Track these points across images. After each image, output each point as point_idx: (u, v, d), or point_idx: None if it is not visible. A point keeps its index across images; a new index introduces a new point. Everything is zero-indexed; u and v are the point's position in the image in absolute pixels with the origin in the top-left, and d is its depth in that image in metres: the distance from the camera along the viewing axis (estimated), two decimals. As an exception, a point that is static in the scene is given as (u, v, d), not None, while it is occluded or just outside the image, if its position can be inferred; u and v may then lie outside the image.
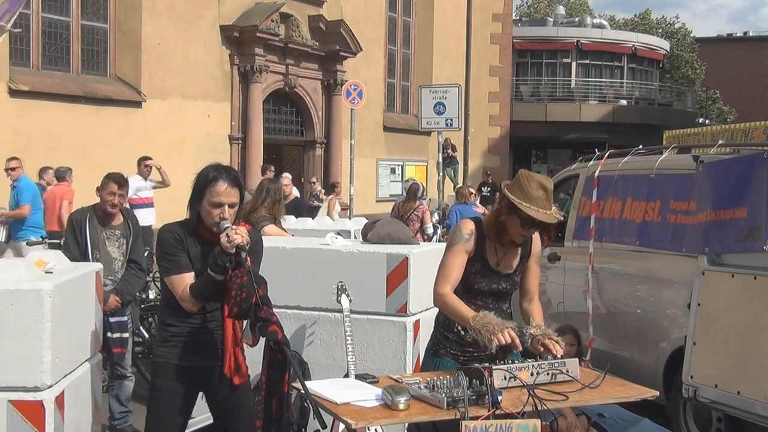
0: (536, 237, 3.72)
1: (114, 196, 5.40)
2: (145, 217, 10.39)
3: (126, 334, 5.43)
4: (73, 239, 5.40)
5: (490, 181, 19.69)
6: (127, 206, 7.06)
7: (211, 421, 3.82)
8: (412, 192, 10.76)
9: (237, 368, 3.49)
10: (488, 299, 3.65)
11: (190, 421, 3.89)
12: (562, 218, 4.00)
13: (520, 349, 3.28)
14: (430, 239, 10.47)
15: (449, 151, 15.58)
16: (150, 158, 11.57)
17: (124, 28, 15.34)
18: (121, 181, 5.48)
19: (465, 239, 3.59)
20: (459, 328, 3.57)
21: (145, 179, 11.44)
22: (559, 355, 3.32)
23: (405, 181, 15.82)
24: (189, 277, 3.48)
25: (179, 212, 3.74)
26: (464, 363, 3.46)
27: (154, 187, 11.56)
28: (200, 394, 3.68)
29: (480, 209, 11.96)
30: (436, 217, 13.11)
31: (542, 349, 3.36)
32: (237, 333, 3.49)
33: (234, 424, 3.62)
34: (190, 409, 3.65)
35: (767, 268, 4.77)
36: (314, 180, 16.36)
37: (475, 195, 12.17)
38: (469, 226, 3.63)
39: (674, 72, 42.11)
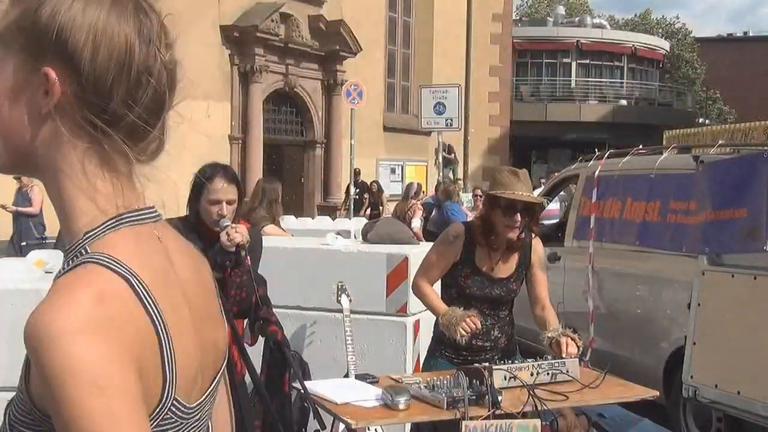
0: (536, 242, 3.73)
1: None
2: None
3: None
4: None
5: (360, 181, 17.62)
6: None
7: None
8: (406, 192, 11.00)
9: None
10: (483, 305, 3.64)
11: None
12: (543, 201, 4.07)
13: (479, 328, 3.37)
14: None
15: (444, 153, 15.40)
16: None
17: (124, 28, 15.34)
18: None
19: (449, 241, 3.65)
20: None
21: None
22: (571, 356, 3.32)
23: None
24: None
25: (179, 212, 3.73)
26: (458, 365, 3.46)
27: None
28: None
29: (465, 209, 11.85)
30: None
31: (557, 350, 3.38)
32: (237, 332, 3.49)
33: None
34: None
35: (767, 268, 4.78)
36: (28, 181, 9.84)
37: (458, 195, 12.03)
38: (457, 229, 3.71)
39: (674, 72, 42.13)
